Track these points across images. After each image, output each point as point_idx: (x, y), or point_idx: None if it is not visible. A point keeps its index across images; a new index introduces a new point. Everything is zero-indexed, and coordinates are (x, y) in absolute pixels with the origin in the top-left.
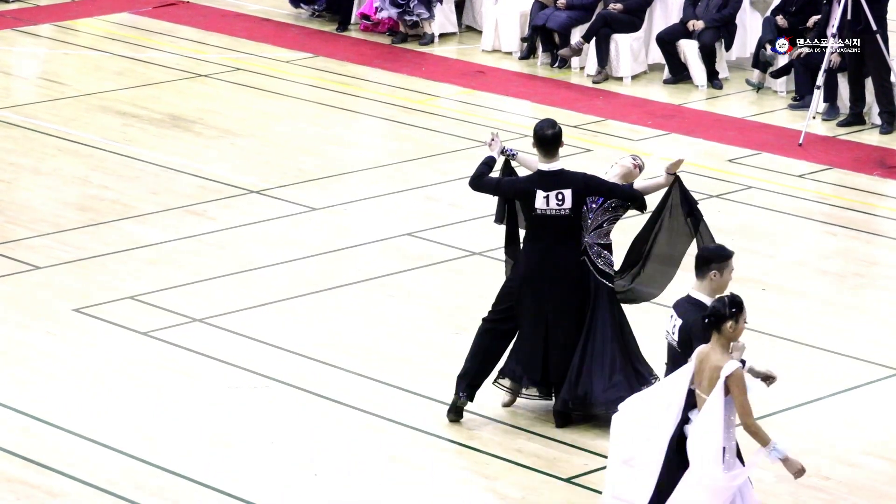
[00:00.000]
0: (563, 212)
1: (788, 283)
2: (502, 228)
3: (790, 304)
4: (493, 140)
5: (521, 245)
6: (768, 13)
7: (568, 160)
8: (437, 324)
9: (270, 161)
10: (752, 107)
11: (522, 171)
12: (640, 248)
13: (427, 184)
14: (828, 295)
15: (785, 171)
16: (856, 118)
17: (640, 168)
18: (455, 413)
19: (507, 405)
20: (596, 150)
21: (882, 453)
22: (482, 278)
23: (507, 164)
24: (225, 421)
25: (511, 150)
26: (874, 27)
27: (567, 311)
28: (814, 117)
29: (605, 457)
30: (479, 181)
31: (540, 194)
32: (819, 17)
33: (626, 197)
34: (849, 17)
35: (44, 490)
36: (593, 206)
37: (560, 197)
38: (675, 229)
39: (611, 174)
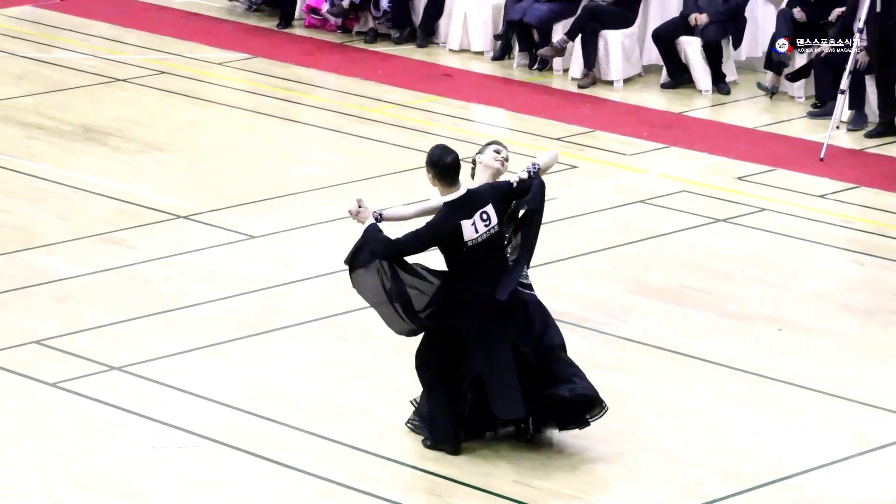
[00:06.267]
0: (493, 230)
1: (808, 320)
2: None
3: (810, 345)
4: (360, 208)
5: (449, 285)
6: (783, 5)
7: (551, 177)
8: (399, 370)
9: (200, 180)
10: (764, 115)
11: (395, 227)
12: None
13: (385, 206)
14: (854, 334)
15: (804, 191)
16: (886, 128)
17: (507, 160)
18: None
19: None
20: (582, 167)
21: None
22: None
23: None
24: (148, 486)
25: (378, 213)
26: None
27: (528, 330)
28: (837, 127)
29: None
30: (395, 246)
31: (466, 224)
32: (843, 9)
33: (528, 190)
34: (878, 8)
35: None
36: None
37: (485, 216)
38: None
39: (478, 180)
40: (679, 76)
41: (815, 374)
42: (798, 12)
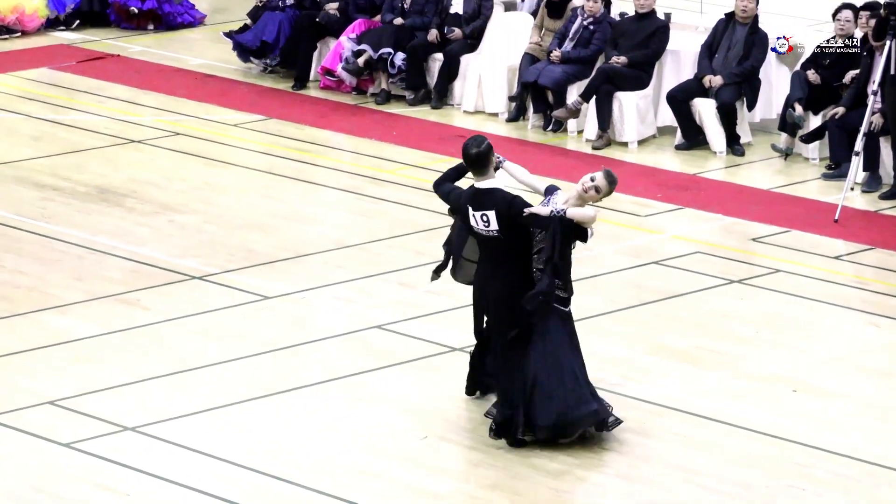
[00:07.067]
0: (491, 233)
1: (823, 381)
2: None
3: (825, 407)
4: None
5: None
6: (797, 67)
7: None
8: (411, 431)
9: (215, 241)
10: (779, 176)
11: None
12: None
13: (399, 267)
14: (870, 396)
15: (818, 252)
16: None
17: (597, 189)
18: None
19: None
20: (597, 227)
21: None
22: (462, 377)
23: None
24: None
25: (499, 158)
26: None
27: (504, 335)
28: (852, 188)
29: None
30: (439, 185)
31: (471, 212)
32: (858, 71)
33: (540, 225)
34: (892, 70)
35: None
36: (537, 231)
37: (485, 218)
38: None
39: (564, 199)
40: (693, 138)
41: (831, 436)
42: (812, 74)
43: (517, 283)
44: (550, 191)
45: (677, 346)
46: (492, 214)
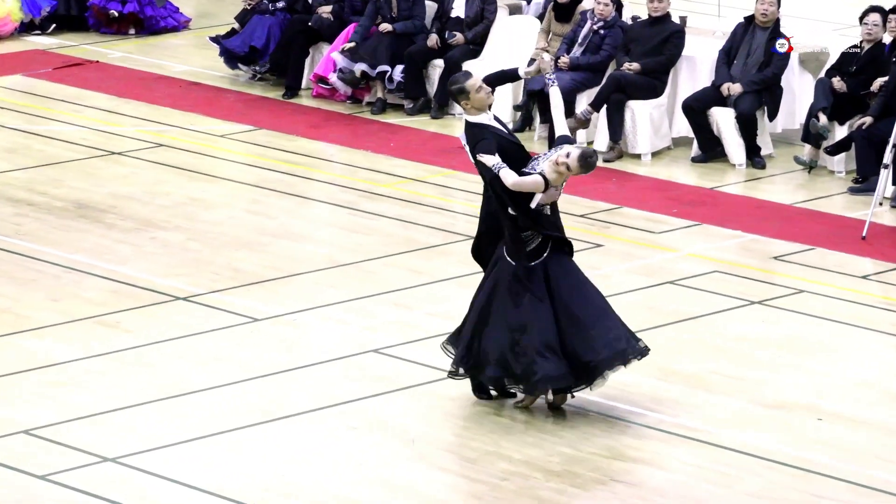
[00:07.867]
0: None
1: (849, 409)
2: None
3: (852, 436)
4: (541, 56)
5: None
6: (822, 74)
7: (577, 256)
8: (410, 461)
9: (200, 259)
10: (802, 191)
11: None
12: None
13: (396, 288)
14: None
15: (844, 271)
16: None
17: (567, 167)
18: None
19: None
20: (608, 245)
21: None
22: (465, 404)
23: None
24: None
25: (552, 80)
26: None
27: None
28: (880, 203)
29: None
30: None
31: (461, 135)
32: (886, 79)
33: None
34: None
35: None
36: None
37: (466, 148)
38: None
39: (542, 162)
40: (711, 149)
41: (858, 468)
42: (837, 82)
43: (489, 216)
44: (558, 142)
45: (692, 372)
46: (468, 150)
